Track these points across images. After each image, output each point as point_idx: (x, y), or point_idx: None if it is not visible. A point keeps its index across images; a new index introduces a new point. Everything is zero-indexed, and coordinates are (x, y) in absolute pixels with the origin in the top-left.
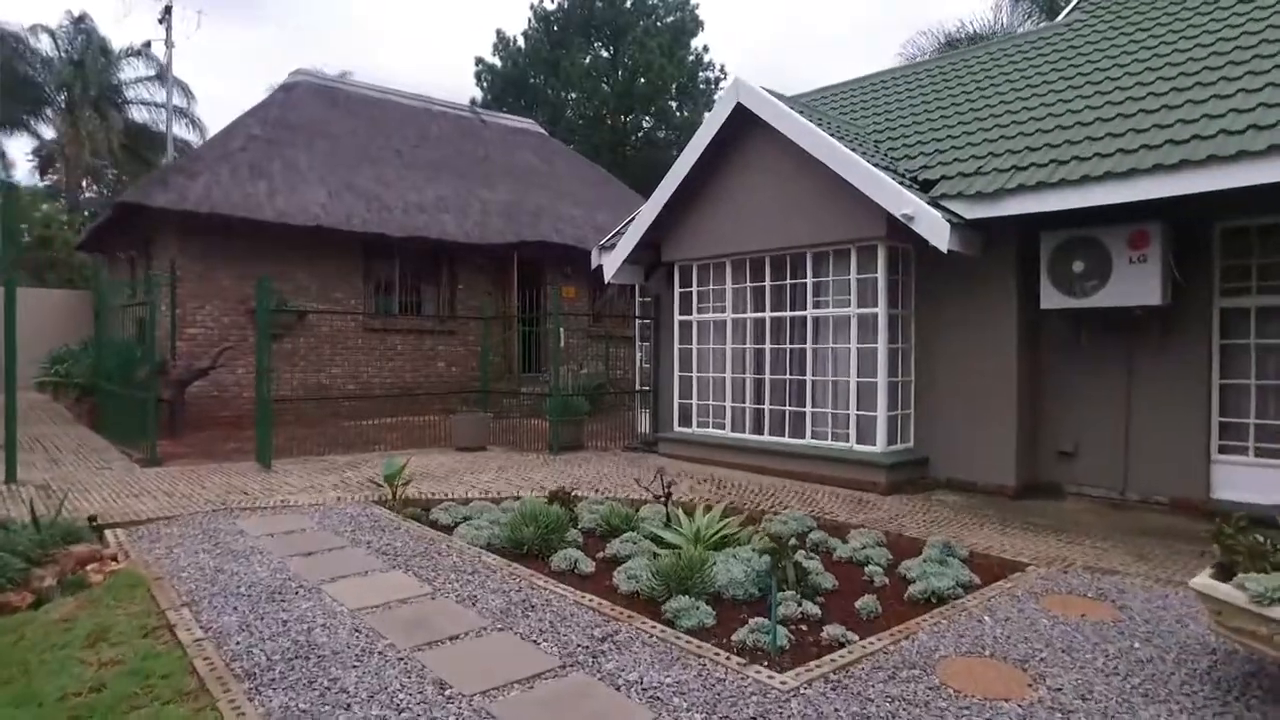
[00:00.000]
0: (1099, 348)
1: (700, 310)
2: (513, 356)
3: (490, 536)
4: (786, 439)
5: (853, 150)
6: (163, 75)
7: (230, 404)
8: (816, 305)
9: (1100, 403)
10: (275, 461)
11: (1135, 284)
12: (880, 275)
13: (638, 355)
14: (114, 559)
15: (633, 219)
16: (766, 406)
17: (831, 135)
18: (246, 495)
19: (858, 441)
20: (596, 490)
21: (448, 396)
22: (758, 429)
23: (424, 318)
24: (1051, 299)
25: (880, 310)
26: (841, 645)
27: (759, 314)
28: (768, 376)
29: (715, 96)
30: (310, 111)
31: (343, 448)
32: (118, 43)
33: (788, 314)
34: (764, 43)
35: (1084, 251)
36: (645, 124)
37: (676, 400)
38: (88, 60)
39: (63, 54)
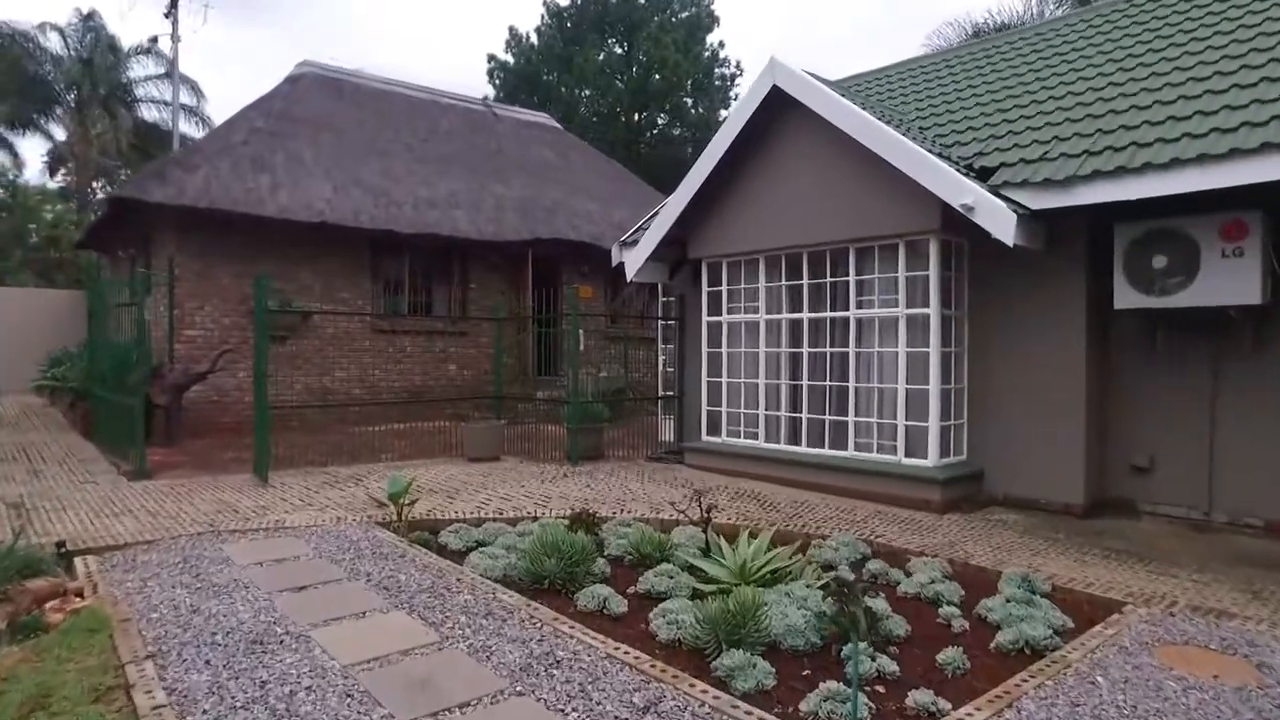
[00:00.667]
0: (1178, 351)
1: (730, 311)
2: (527, 359)
3: (506, 567)
4: (826, 451)
5: (903, 136)
6: (171, 73)
7: (231, 409)
8: (860, 305)
9: (1180, 412)
10: (274, 473)
11: (1229, 280)
12: (932, 272)
13: (659, 358)
14: (79, 594)
15: (655, 214)
16: (804, 415)
17: (878, 119)
18: (237, 514)
19: (906, 454)
20: (622, 509)
21: (459, 401)
22: (794, 439)
23: (434, 318)
24: (1127, 298)
25: (932, 311)
26: (933, 718)
27: (795, 315)
28: (805, 383)
29: (732, 93)
30: (316, 104)
31: (347, 457)
32: (127, 41)
33: (827, 315)
34: (770, 43)
35: (1167, 245)
36: (660, 121)
37: (704, 407)
38: (96, 58)
39: (72, 52)
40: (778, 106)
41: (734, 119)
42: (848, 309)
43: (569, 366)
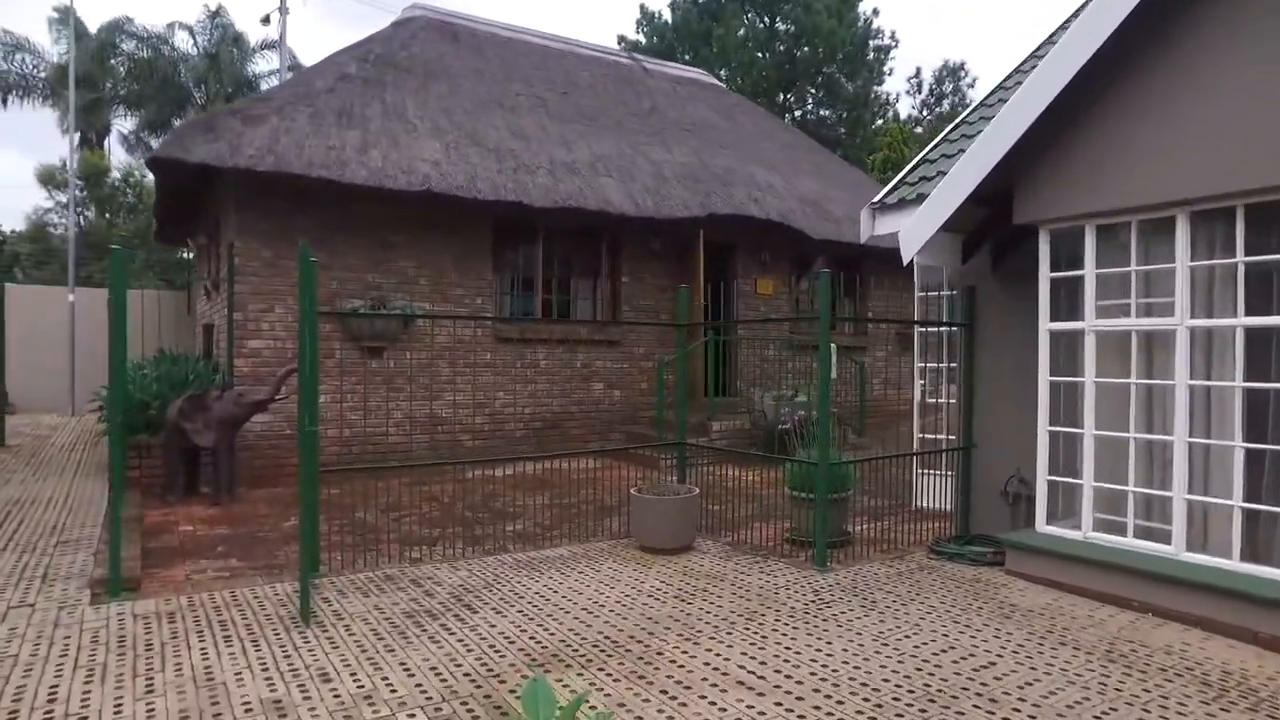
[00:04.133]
0: None
1: (1102, 311)
2: (697, 376)
3: None
4: None
5: None
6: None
7: None
8: None
9: None
10: (333, 579)
11: None
12: None
13: (916, 385)
14: None
15: (922, 161)
16: None
17: None
18: None
19: None
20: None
21: (609, 432)
22: (1253, 553)
23: (576, 323)
24: None
25: None
26: None
27: (1258, 320)
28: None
29: (886, 68)
30: (425, 49)
31: (454, 534)
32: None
33: None
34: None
35: None
36: (809, 97)
37: (1043, 476)
38: (221, 53)
39: (199, 50)
40: None
41: None
42: None
43: (819, 403)
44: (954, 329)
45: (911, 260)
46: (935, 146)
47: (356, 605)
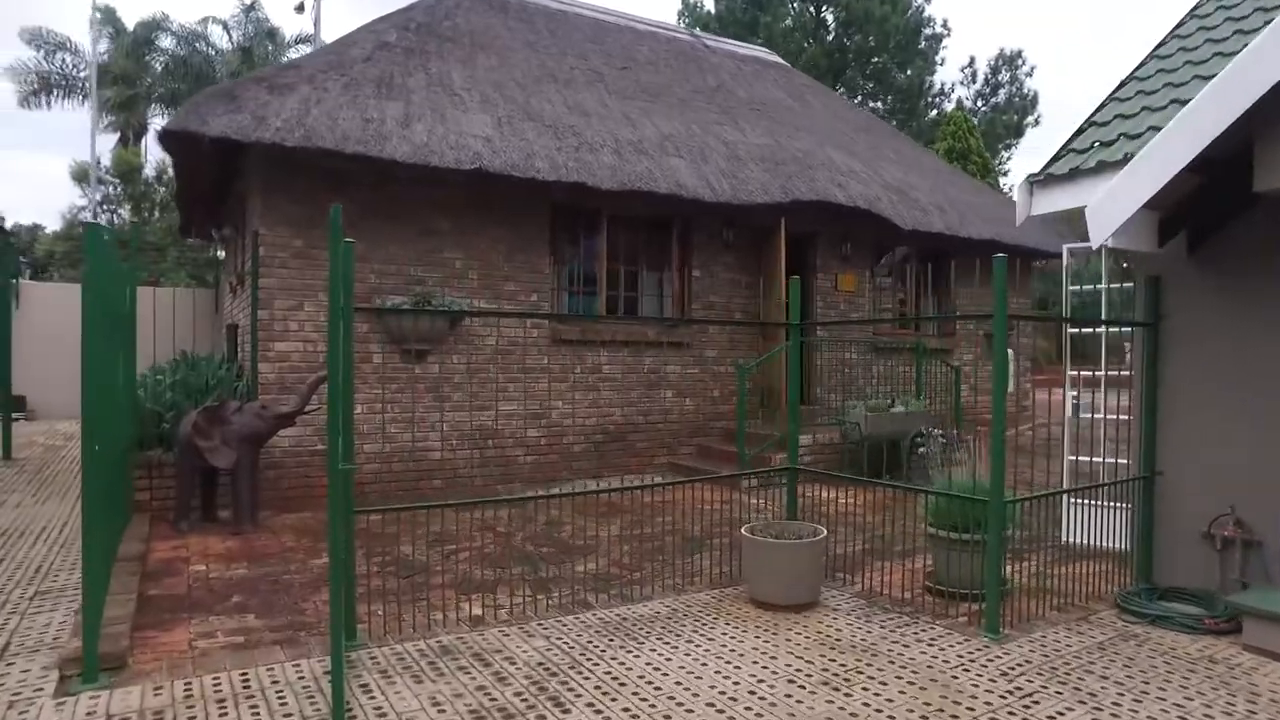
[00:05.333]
0: None
1: None
2: (777, 384)
3: None
4: None
5: None
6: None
7: None
8: None
9: None
10: (373, 650)
11: None
12: None
13: (1067, 398)
14: None
15: (1089, 124)
16: None
17: None
18: None
19: None
20: None
21: (679, 446)
22: None
23: (641, 321)
24: None
25: None
26: None
27: None
28: None
29: (939, 57)
30: (470, 19)
31: (519, 578)
32: (288, 31)
33: None
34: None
35: None
36: (860, 88)
37: None
38: (255, 48)
39: (234, 44)
40: None
41: None
42: None
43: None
44: (1126, 329)
45: (1048, 249)
46: (1104, 107)
47: (407, 698)
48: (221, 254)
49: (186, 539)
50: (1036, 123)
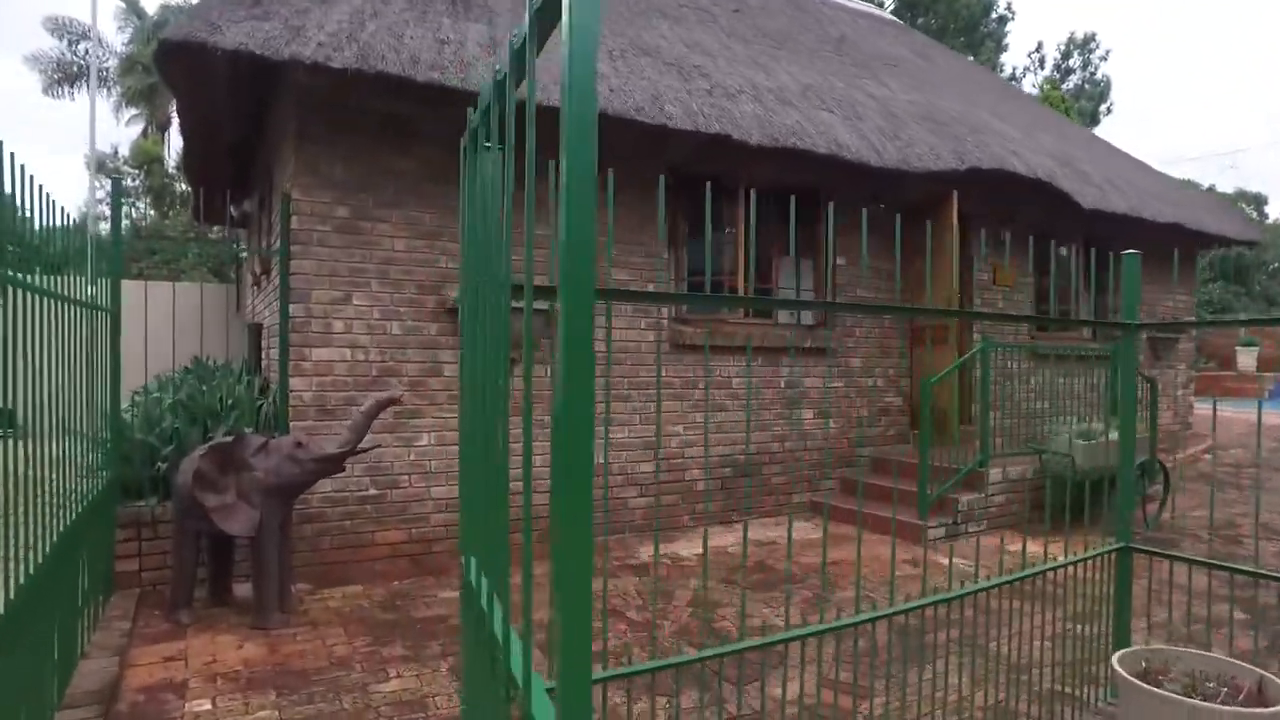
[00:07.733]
0: None
1: None
2: (950, 403)
3: None
4: None
5: None
6: None
7: (408, 509)
8: None
9: None
10: None
11: None
12: None
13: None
14: None
15: None
16: None
17: None
18: None
19: None
20: None
21: (820, 481)
22: None
23: (776, 323)
24: None
25: None
26: None
27: None
28: None
29: (1004, 40)
30: None
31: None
32: None
33: None
34: None
35: None
36: None
37: None
38: None
39: None
40: None
41: None
42: None
43: None
44: None
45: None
46: None
47: None
48: (243, 249)
49: (186, 640)
50: (1109, 111)
